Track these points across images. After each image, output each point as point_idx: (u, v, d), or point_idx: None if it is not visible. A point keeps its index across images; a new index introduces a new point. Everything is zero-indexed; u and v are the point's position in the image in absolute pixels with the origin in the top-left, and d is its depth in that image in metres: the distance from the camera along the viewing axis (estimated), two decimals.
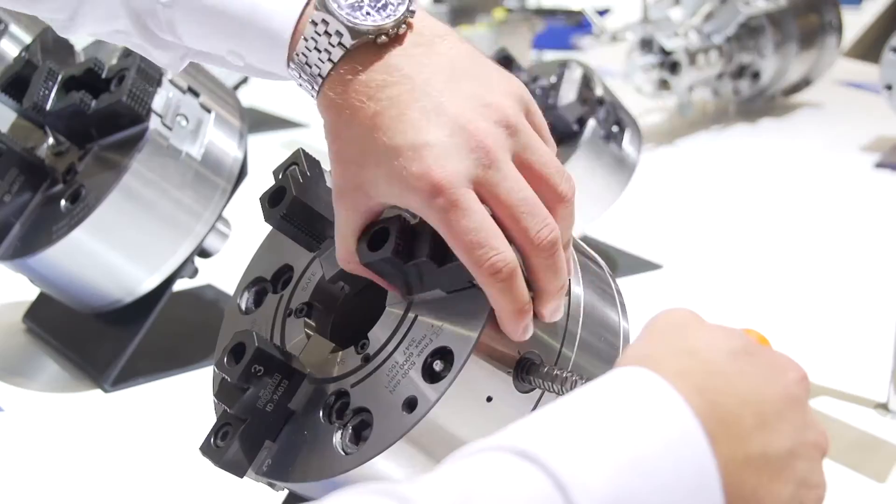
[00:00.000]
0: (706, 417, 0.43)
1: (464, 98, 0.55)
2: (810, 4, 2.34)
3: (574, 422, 0.43)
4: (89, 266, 1.06)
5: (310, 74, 0.57)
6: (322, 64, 0.56)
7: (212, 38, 0.61)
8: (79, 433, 1.01)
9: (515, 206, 0.54)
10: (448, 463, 0.41)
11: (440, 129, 0.54)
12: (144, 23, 0.62)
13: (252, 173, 1.11)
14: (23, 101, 1.08)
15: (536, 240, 0.54)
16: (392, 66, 0.55)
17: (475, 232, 0.53)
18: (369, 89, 0.55)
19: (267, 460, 0.60)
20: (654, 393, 0.44)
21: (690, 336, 0.48)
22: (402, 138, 0.54)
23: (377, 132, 0.54)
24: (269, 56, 0.58)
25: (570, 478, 0.39)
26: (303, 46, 0.56)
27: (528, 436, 0.42)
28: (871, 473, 0.93)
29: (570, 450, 0.41)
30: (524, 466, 0.40)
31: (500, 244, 0.53)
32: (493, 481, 0.39)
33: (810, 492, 0.47)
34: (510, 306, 0.54)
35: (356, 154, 0.56)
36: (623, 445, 0.41)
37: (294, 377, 0.60)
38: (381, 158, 0.54)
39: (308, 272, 0.67)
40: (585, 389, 0.45)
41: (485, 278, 0.53)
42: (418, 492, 0.38)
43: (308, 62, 0.56)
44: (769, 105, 2.39)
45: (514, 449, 0.41)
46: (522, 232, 0.54)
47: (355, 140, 0.56)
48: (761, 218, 1.70)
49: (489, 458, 0.41)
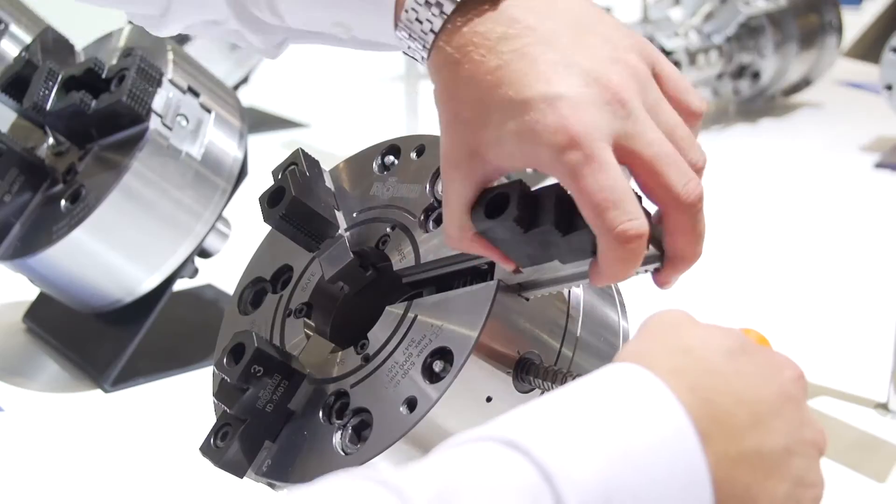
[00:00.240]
0: (698, 415, 0.43)
1: (593, 51, 0.51)
2: (810, 4, 2.34)
3: (563, 414, 0.43)
4: (89, 266, 1.06)
5: (420, 31, 0.52)
6: (434, 18, 0.52)
7: (316, 11, 0.58)
8: (79, 433, 1.01)
9: (658, 159, 0.50)
10: (436, 452, 0.41)
11: (574, 81, 0.50)
12: (242, 3, 0.60)
13: (252, 173, 1.11)
14: (23, 101, 1.08)
15: (683, 194, 0.50)
16: (512, 18, 0.51)
17: (610, 190, 0.48)
18: (489, 41, 0.51)
19: (267, 460, 0.60)
20: (645, 389, 0.44)
21: (685, 335, 0.48)
22: (533, 90, 0.49)
23: (502, 87, 0.50)
24: (377, 18, 0.54)
25: (557, 468, 0.39)
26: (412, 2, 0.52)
27: (515, 426, 0.42)
28: (871, 473, 0.93)
29: (557, 441, 0.41)
30: (510, 455, 0.40)
31: (634, 208, 0.49)
32: (478, 470, 0.39)
33: (807, 490, 0.47)
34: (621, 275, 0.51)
35: (477, 114, 0.51)
36: (612, 439, 0.41)
37: (294, 377, 0.60)
38: (508, 114, 0.50)
39: (307, 272, 0.67)
40: (576, 384, 0.45)
41: (611, 243, 0.49)
42: (404, 479, 0.38)
43: (419, 17, 0.52)
44: (769, 105, 2.39)
45: (501, 438, 0.41)
46: (666, 187, 0.50)
47: (476, 98, 0.51)
48: (761, 218, 1.70)
49: (476, 448, 0.41)
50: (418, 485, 0.38)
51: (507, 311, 0.56)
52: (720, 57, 2.17)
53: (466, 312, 0.56)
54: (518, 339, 0.57)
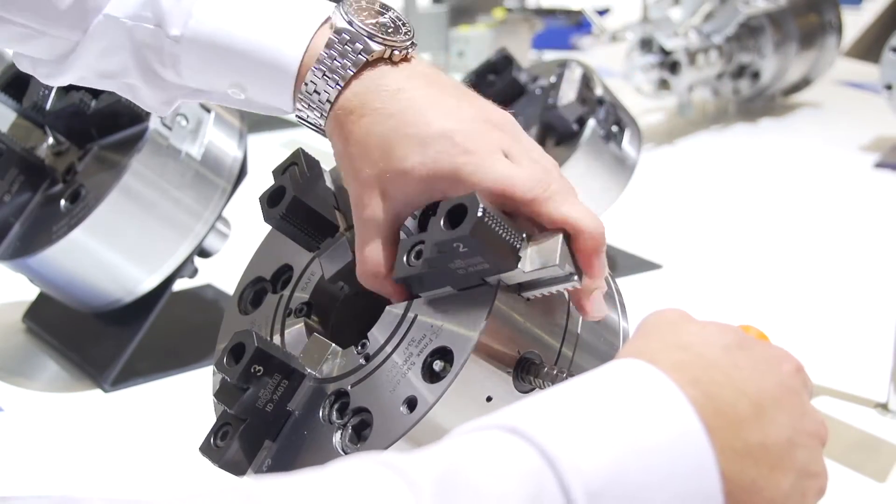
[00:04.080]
0: (702, 408, 0.44)
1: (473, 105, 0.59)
2: (810, 4, 2.35)
3: (568, 405, 0.43)
4: (89, 266, 1.06)
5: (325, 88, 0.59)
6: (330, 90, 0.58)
7: (215, 74, 0.62)
8: (79, 433, 1.01)
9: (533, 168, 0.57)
10: (443, 440, 0.42)
11: (464, 118, 0.57)
12: (146, 59, 0.63)
13: (252, 173, 1.11)
14: (23, 101, 1.09)
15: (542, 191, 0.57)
16: (406, 78, 0.59)
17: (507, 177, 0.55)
18: (387, 92, 0.58)
19: (267, 460, 0.60)
20: (649, 383, 0.44)
21: (683, 332, 0.49)
22: (431, 128, 0.56)
23: (403, 128, 0.57)
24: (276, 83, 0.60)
25: (561, 453, 0.40)
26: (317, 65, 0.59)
27: (519, 415, 0.43)
28: (871, 473, 0.93)
29: (561, 428, 0.41)
30: (513, 441, 0.41)
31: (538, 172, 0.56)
32: (481, 454, 0.40)
33: (812, 481, 0.47)
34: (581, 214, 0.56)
35: (381, 154, 0.57)
36: (619, 431, 0.42)
37: (294, 377, 0.60)
38: (411, 151, 0.56)
39: (307, 272, 0.67)
40: (580, 378, 0.45)
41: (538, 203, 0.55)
42: (409, 462, 0.39)
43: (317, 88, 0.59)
44: (769, 105, 2.39)
45: (504, 426, 0.42)
46: None
47: (378, 141, 0.57)
48: (761, 218, 1.70)
49: (480, 435, 0.42)
50: (423, 467, 0.39)
51: (507, 311, 0.56)
52: (720, 57, 2.18)
53: (466, 312, 0.56)
54: (518, 338, 0.57)
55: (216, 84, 0.63)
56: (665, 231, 1.62)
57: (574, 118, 1.24)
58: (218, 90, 0.63)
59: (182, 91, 0.65)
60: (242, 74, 0.61)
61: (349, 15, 0.59)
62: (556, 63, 1.34)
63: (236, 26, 0.60)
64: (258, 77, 0.61)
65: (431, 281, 0.57)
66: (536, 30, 2.84)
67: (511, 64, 1.35)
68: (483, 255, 0.53)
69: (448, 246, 0.53)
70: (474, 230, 0.52)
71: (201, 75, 0.63)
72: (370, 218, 0.59)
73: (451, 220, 0.54)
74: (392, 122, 0.57)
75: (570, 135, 1.25)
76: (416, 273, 0.56)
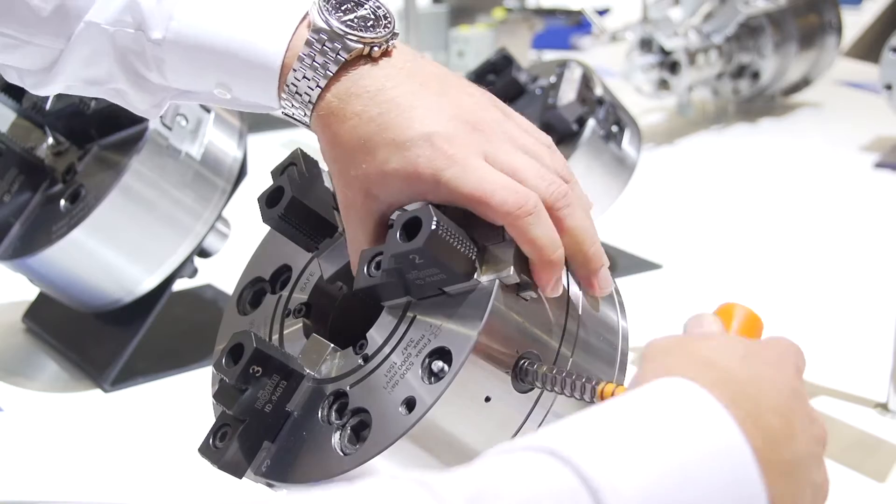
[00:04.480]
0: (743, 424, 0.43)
1: (455, 100, 0.59)
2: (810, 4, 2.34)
3: (605, 425, 0.42)
4: (89, 266, 1.06)
5: (306, 88, 0.59)
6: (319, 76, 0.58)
7: (199, 75, 0.62)
8: (78, 433, 1.01)
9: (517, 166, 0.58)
10: (479, 459, 0.41)
11: (443, 119, 0.57)
12: (131, 63, 0.63)
13: (252, 173, 1.11)
14: (23, 101, 1.09)
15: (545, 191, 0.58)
16: (387, 75, 0.59)
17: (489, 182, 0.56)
18: (369, 94, 0.58)
19: (266, 461, 0.60)
20: (695, 402, 0.43)
21: (698, 349, 0.48)
22: (412, 131, 0.57)
23: (384, 131, 0.57)
24: (261, 81, 0.60)
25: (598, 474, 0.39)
26: (298, 63, 0.58)
27: (555, 436, 0.42)
28: (871, 473, 0.93)
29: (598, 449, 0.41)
30: (548, 461, 0.40)
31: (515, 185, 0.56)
32: (515, 475, 0.39)
33: (820, 489, 0.47)
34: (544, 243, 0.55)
35: (364, 156, 0.58)
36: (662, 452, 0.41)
37: (292, 378, 0.60)
38: (392, 153, 0.57)
39: (306, 272, 0.67)
40: (622, 398, 0.44)
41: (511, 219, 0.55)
42: (443, 481, 0.39)
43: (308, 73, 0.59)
44: (769, 105, 2.39)
45: (540, 447, 0.41)
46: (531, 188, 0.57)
47: (361, 144, 0.58)
48: (761, 218, 1.70)
49: (514, 456, 0.41)
50: (456, 486, 0.39)
51: (505, 311, 0.56)
52: (720, 57, 2.17)
53: (465, 312, 0.56)
54: (517, 338, 0.57)
55: (202, 84, 0.63)
56: (665, 231, 1.62)
57: (574, 118, 1.24)
58: (204, 90, 0.63)
59: (169, 93, 0.65)
60: (227, 74, 0.61)
61: (324, 13, 0.59)
62: (556, 63, 1.34)
63: (218, 26, 0.60)
64: (242, 76, 0.61)
65: (391, 291, 0.58)
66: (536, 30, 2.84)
67: (511, 64, 1.34)
68: (438, 267, 0.55)
69: (404, 258, 0.55)
70: (428, 242, 0.54)
71: (186, 77, 0.63)
72: (358, 218, 0.59)
73: (408, 232, 0.55)
74: (373, 126, 0.57)
75: (569, 135, 1.25)
76: (376, 283, 0.57)
